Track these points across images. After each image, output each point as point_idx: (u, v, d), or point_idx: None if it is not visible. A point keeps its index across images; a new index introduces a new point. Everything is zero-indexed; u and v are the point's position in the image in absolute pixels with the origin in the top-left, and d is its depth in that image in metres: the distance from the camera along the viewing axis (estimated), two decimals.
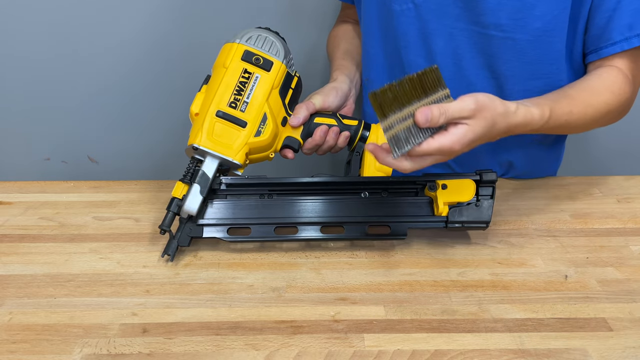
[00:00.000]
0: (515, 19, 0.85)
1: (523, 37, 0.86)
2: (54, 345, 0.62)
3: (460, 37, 0.88)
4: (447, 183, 0.77)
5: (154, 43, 1.29)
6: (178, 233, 0.77)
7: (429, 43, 0.90)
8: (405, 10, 0.89)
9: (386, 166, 0.82)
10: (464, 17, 0.87)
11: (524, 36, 0.86)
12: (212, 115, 0.76)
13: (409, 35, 0.91)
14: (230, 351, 0.62)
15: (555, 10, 0.84)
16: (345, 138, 0.84)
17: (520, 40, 0.86)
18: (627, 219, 0.88)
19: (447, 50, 0.90)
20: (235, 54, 0.80)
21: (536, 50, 0.87)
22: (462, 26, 0.88)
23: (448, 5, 0.87)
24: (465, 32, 0.88)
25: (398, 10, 0.90)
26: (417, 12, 0.89)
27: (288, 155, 0.83)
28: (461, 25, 0.88)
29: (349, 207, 0.80)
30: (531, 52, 0.87)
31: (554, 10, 0.84)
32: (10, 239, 0.82)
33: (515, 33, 0.86)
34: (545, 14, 0.84)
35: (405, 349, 0.62)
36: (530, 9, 0.84)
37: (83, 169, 1.42)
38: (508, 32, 0.86)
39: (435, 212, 0.78)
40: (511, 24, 0.85)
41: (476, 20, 0.86)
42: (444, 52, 0.90)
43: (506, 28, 0.85)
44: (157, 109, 1.37)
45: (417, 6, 0.88)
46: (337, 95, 0.87)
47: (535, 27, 0.85)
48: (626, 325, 0.66)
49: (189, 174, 0.77)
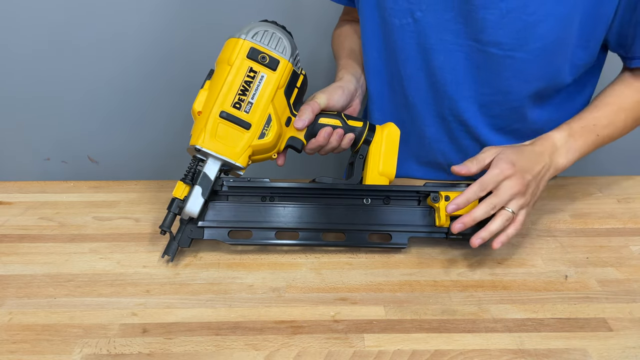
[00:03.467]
0: (516, 38, 0.84)
1: (523, 56, 0.85)
2: (54, 345, 0.62)
3: (460, 53, 0.88)
4: (450, 195, 0.77)
5: (154, 43, 1.29)
6: (178, 234, 0.77)
7: (429, 58, 0.90)
8: (405, 25, 0.89)
9: (390, 172, 0.83)
10: (463, 33, 0.86)
11: (524, 55, 0.85)
12: (215, 116, 0.75)
13: (408, 50, 0.90)
14: (230, 351, 0.62)
15: (558, 31, 0.83)
16: (350, 140, 0.83)
17: (520, 59, 0.85)
18: (627, 219, 0.88)
19: (446, 65, 0.89)
20: (240, 51, 0.77)
21: (536, 69, 0.86)
22: (462, 42, 0.87)
23: (448, 21, 0.86)
24: (464, 48, 0.87)
25: (397, 25, 0.89)
26: (416, 27, 0.88)
27: (279, 162, 0.82)
28: (461, 42, 0.87)
29: (351, 213, 0.79)
30: (530, 70, 0.87)
31: (556, 31, 0.83)
32: (10, 239, 0.82)
33: (515, 52, 0.85)
34: (547, 34, 0.83)
35: (405, 349, 0.62)
36: (531, 29, 0.83)
37: (83, 169, 1.42)
38: (508, 51, 0.85)
39: (437, 223, 0.78)
40: (511, 42, 0.84)
41: (476, 37, 0.86)
42: (443, 67, 0.90)
43: (506, 47, 0.85)
44: (157, 109, 1.37)
45: (416, 21, 0.88)
46: (342, 94, 0.86)
47: (535, 47, 0.84)
48: (626, 325, 0.66)
49: (190, 174, 0.76)
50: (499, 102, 0.91)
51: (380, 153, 0.83)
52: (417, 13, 0.87)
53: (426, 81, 0.92)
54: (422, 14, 0.87)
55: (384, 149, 0.83)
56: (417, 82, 0.92)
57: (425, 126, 0.96)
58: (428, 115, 0.95)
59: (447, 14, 0.86)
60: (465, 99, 0.92)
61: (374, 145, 0.83)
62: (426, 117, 0.95)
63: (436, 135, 0.97)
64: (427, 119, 0.95)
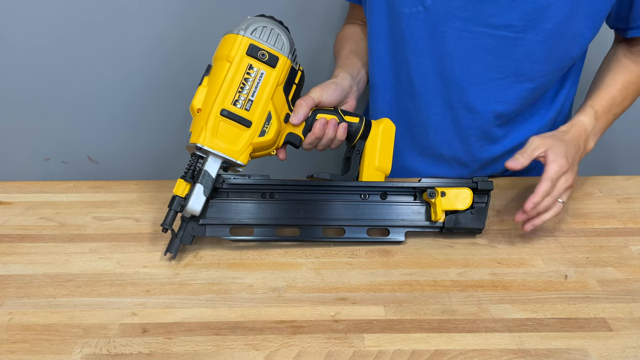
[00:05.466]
0: (526, 20, 0.85)
1: (533, 37, 0.87)
2: (54, 345, 0.62)
3: (469, 40, 0.89)
4: (446, 191, 0.80)
5: (153, 42, 1.29)
6: (180, 232, 0.77)
7: (438, 45, 0.90)
8: (415, 14, 0.89)
9: (385, 167, 0.84)
10: (473, 20, 0.87)
11: (535, 36, 0.87)
12: (216, 114, 0.74)
13: (418, 38, 0.91)
14: (230, 351, 0.62)
15: (567, 10, 0.84)
16: (344, 130, 0.83)
17: (530, 40, 0.87)
18: (627, 219, 0.88)
19: (456, 52, 0.90)
20: (240, 48, 0.76)
21: (545, 49, 0.88)
22: (472, 28, 0.88)
23: (458, 9, 0.87)
24: (474, 35, 0.88)
25: (407, 13, 0.90)
26: (426, 15, 0.89)
27: (280, 156, 0.83)
28: (470, 28, 0.88)
29: (350, 208, 0.81)
30: (540, 51, 0.88)
31: (565, 10, 0.84)
32: (10, 239, 0.82)
33: (526, 33, 0.86)
34: (556, 14, 0.85)
35: (405, 349, 0.62)
36: (542, 10, 0.84)
37: (83, 169, 1.42)
38: (519, 33, 0.87)
39: (432, 218, 0.81)
40: (522, 24, 0.86)
41: (486, 22, 0.87)
42: (453, 54, 0.90)
43: (517, 29, 0.86)
44: (157, 109, 1.37)
45: (426, 9, 0.88)
46: (336, 89, 0.86)
47: (545, 27, 0.86)
48: (626, 325, 0.66)
49: (190, 171, 0.76)
50: (508, 85, 0.92)
51: (376, 148, 0.84)
52: (428, 1, 0.88)
53: (434, 69, 0.93)
54: (433, 2, 0.88)
55: (380, 144, 0.84)
56: (425, 70, 0.93)
57: (432, 115, 0.97)
58: (435, 104, 0.95)
59: (457, 1, 0.87)
60: (474, 85, 0.92)
61: (370, 140, 0.85)
62: (433, 105, 0.96)
63: (442, 124, 0.97)
64: (434, 108, 0.96)
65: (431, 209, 0.81)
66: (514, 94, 0.92)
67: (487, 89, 0.92)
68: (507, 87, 0.92)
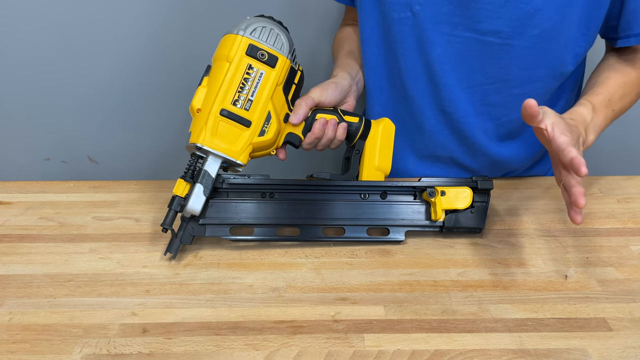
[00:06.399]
0: (514, 27, 0.85)
1: (521, 43, 0.87)
2: (54, 345, 0.62)
3: (457, 45, 0.89)
4: (446, 190, 0.80)
5: (153, 43, 1.29)
6: (180, 232, 0.77)
7: (426, 50, 0.91)
8: (404, 19, 0.90)
9: (385, 167, 0.84)
10: (461, 25, 0.87)
11: (522, 43, 0.87)
12: (216, 114, 0.75)
13: (407, 43, 0.91)
14: (230, 351, 0.62)
15: (556, 17, 0.84)
16: (344, 129, 0.83)
17: (518, 46, 0.87)
18: (627, 219, 0.88)
19: (444, 57, 0.90)
20: (239, 48, 0.76)
21: (533, 56, 0.88)
22: (459, 34, 0.88)
23: (446, 14, 0.87)
24: (462, 40, 0.88)
25: (397, 18, 0.90)
26: (415, 21, 0.89)
27: (280, 156, 0.83)
28: (458, 33, 0.88)
29: (349, 208, 0.81)
30: (528, 57, 0.88)
31: (554, 18, 0.84)
32: (10, 239, 0.82)
33: (514, 39, 0.86)
34: (545, 21, 0.85)
35: (405, 349, 0.62)
36: (529, 16, 0.84)
37: (83, 169, 1.42)
38: (506, 39, 0.86)
39: (432, 217, 0.81)
40: (510, 30, 0.86)
41: (474, 27, 0.87)
42: (441, 59, 0.91)
43: (504, 35, 0.86)
44: (157, 109, 1.37)
45: (415, 14, 0.89)
46: (335, 89, 0.86)
47: (533, 34, 0.86)
48: (626, 325, 0.66)
49: (190, 171, 0.76)
50: (497, 90, 0.92)
51: (376, 148, 0.84)
52: (416, 7, 0.88)
53: (424, 74, 0.93)
54: (421, 7, 0.88)
55: (380, 144, 0.85)
56: (415, 75, 0.93)
57: (425, 119, 0.97)
58: (428, 107, 0.96)
59: (445, 7, 0.87)
60: (463, 89, 0.92)
61: (370, 140, 0.85)
62: (426, 109, 0.96)
63: (436, 127, 0.97)
64: (427, 112, 0.96)
65: (431, 208, 0.81)
66: (502, 99, 0.92)
67: (476, 93, 0.92)
68: (496, 92, 0.92)
